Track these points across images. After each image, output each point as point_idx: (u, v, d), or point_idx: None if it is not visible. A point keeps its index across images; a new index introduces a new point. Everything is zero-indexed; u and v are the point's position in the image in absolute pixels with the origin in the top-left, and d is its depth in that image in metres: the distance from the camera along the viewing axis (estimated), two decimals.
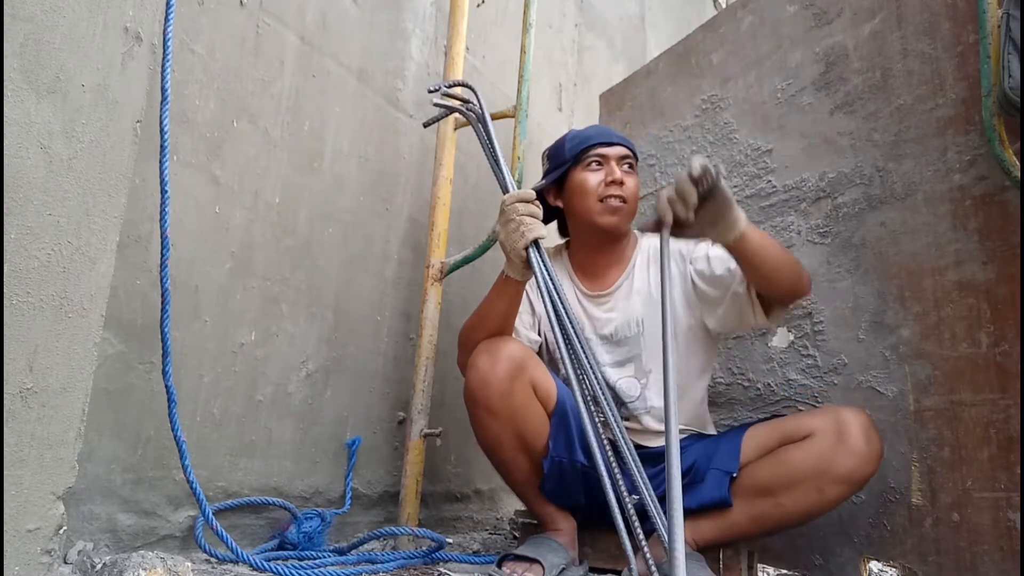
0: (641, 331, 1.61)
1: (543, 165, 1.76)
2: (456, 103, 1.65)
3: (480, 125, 1.56)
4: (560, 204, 1.70)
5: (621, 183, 1.60)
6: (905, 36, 1.62)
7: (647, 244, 1.70)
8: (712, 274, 1.56)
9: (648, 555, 1.17)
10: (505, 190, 1.49)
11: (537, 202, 1.41)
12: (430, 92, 1.70)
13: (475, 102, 1.64)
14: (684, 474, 1.50)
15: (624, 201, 1.61)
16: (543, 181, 1.69)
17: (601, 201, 1.60)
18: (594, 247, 1.68)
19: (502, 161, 1.52)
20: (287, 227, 1.68)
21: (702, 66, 2.14)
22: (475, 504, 2.26)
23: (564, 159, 1.65)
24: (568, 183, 1.65)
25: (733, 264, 1.46)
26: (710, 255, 1.57)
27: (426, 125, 1.86)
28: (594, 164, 1.62)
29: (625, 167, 1.63)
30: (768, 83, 1.92)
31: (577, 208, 1.65)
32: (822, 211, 1.74)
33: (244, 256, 1.58)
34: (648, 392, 1.59)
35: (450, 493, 2.15)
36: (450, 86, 1.65)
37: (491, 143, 1.54)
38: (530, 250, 1.38)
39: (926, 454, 1.47)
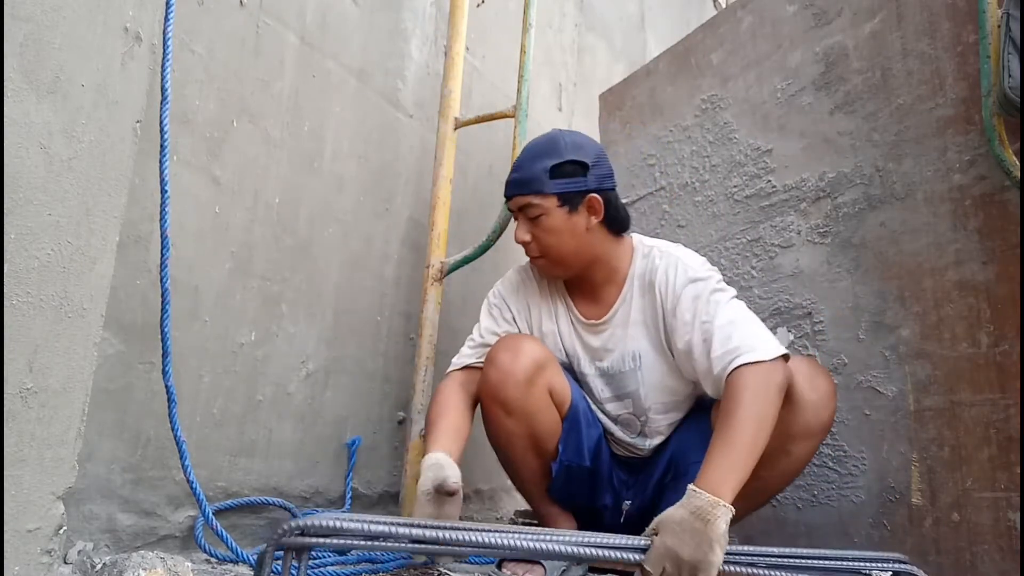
0: (638, 365, 1.48)
1: None
2: None
3: None
4: None
5: (526, 243, 1.46)
6: (905, 36, 1.62)
7: (640, 268, 1.50)
8: (681, 360, 1.43)
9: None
10: None
11: (451, 494, 1.19)
12: None
13: None
14: (664, 473, 1.50)
15: (539, 255, 1.47)
16: None
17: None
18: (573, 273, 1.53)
19: None
20: (287, 227, 1.68)
21: (702, 66, 2.14)
22: (475, 504, 2.26)
23: None
24: None
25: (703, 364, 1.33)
26: (693, 342, 1.36)
27: None
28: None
29: (531, 217, 1.43)
30: (768, 83, 1.92)
31: None
32: (822, 211, 1.74)
33: (244, 256, 1.58)
34: (648, 429, 1.52)
35: None
36: None
37: None
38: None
39: (926, 454, 1.47)
